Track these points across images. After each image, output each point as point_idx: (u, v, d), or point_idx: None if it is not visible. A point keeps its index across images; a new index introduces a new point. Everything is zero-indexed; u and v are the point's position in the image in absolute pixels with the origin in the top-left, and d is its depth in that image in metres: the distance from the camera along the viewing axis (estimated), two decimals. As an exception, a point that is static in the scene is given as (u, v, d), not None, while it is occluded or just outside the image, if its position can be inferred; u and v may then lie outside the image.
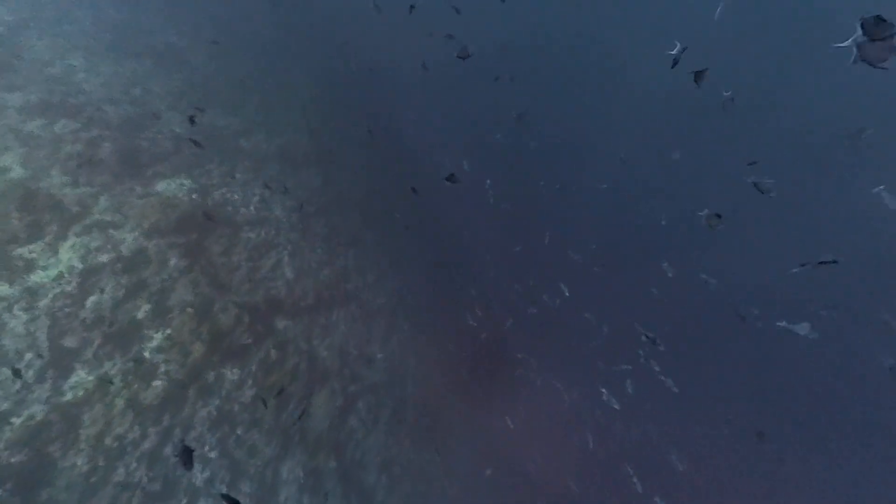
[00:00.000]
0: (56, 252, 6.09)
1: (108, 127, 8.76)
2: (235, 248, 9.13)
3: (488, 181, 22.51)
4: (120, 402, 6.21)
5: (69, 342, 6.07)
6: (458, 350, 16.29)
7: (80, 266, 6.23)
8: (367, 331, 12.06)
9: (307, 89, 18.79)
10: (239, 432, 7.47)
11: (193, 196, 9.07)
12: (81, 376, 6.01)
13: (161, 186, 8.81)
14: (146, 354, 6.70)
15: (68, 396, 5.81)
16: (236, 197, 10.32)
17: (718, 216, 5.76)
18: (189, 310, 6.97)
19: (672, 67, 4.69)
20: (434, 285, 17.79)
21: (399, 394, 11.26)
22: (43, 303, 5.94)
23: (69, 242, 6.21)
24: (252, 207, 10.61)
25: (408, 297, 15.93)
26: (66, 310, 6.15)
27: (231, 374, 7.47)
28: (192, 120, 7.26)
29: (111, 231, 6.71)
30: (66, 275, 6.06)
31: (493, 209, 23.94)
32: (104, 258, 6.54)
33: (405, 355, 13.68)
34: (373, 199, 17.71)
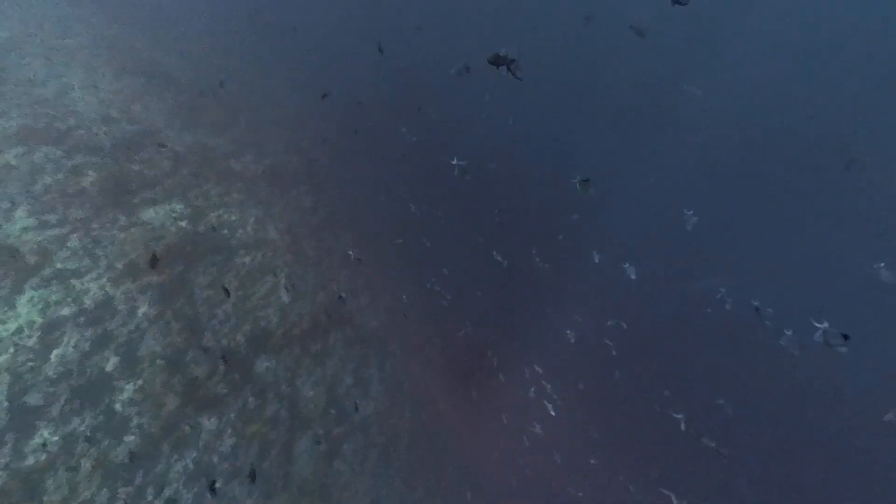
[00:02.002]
0: (13, 307, 5.76)
1: (96, 152, 8.41)
2: (226, 277, 8.69)
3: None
4: (87, 463, 5.88)
5: (32, 399, 5.76)
6: (454, 372, 15.62)
7: (40, 320, 5.88)
8: (360, 359, 11.53)
9: (296, 106, 18.16)
10: (218, 485, 7.10)
11: (182, 224, 8.65)
12: (45, 436, 5.70)
13: (148, 215, 8.43)
14: (117, 407, 6.35)
15: (30, 461, 5.51)
16: (233, 218, 9.88)
17: (587, 180, 5.53)
18: (160, 361, 6.56)
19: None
20: (429, 306, 17.08)
21: (390, 426, 10.71)
22: (3, 358, 5.64)
23: (26, 297, 5.87)
24: (249, 229, 10.16)
25: (401, 319, 15.30)
26: (30, 364, 5.83)
27: (209, 423, 7.06)
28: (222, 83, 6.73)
29: (73, 281, 6.32)
30: (25, 329, 5.73)
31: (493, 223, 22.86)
32: (65, 311, 6.17)
33: (400, 381, 13.12)
34: (365, 218, 17.05)
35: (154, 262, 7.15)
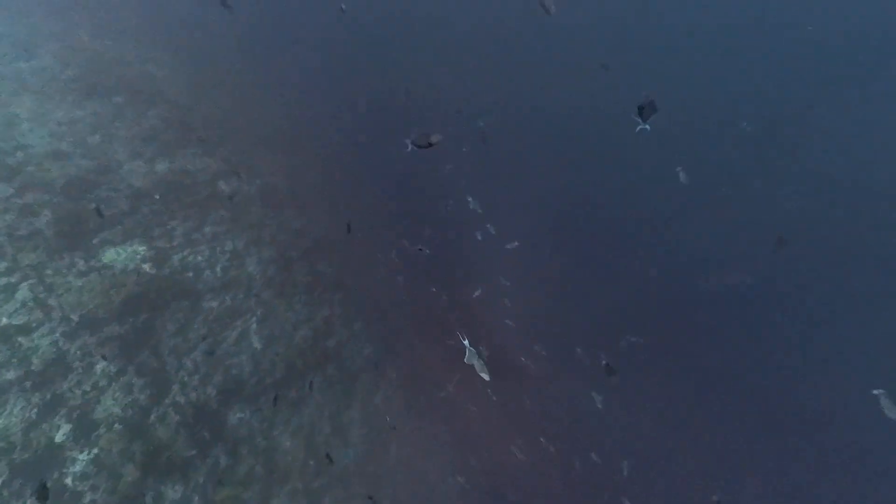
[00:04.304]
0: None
1: (48, 190, 7.76)
2: (192, 325, 8.10)
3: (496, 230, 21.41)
4: (27, 553, 5.16)
5: (-36, 484, 5.04)
6: (453, 398, 15.23)
7: (-21, 392, 5.22)
8: (346, 395, 11.01)
9: (291, 121, 17.80)
10: (182, 560, 6.42)
11: (145, 266, 8.04)
12: (-23, 527, 4.98)
13: (109, 257, 7.80)
14: (67, 482, 5.66)
15: (-44, 558, 4.78)
16: (200, 259, 9.30)
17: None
18: (118, 425, 5.94)
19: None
20: (428, 323, 16.74)
21: (372, 474, 10.19)
22: (-70, 440, 4.93)
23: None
24: (219, 269, 9.59)
25: (398, 342, 14.88)
26: (-37, 443, 5.12)
27: (173, 492, 6.42)
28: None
29: (20, 339, 5.69)
30: (-40, 404, 5.05)
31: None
32: (10, 375, 5.52)
33: (389, 412, 12.63)
34: (360, 233, 16.69)
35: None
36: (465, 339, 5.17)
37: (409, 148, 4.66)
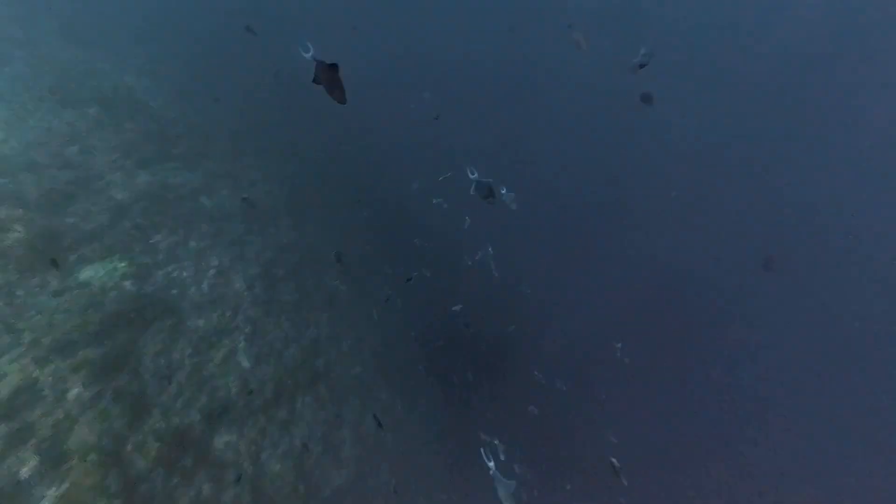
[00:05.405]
0: None
1: (24, 204, 7.35)
2: (176, 346, 7.71)
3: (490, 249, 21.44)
4: None
5: (-82, 529, 4.56)
6: (447, 417, 14.92)
7: (-60, 426, 4.79)
8: (336, 415, 10.64)
9: (280, 131, 17.60)
10: None
11: (127, 284, 7.66)
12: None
13: (86, 275, 7.40)
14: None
15: None
16: (185, 274, 8.93)
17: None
18: (92, 455, 5.53)
19: None
20: (419, 342, 16.47)
21: (365, 497, 9.81)
22: None
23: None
24: (205, 285, 9.23)
25: (388, 360, 14.56)
26: (-82, 483, 4.65)
27: (154, 526, 5.98)
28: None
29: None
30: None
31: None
32: None
33: (380, 433, 12.26)
34: (351, 246, 16.44)
35: None
36: (490, 461, 4.31)
37: (475, 175, 5.30)
